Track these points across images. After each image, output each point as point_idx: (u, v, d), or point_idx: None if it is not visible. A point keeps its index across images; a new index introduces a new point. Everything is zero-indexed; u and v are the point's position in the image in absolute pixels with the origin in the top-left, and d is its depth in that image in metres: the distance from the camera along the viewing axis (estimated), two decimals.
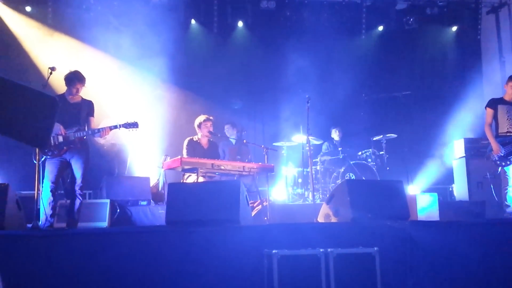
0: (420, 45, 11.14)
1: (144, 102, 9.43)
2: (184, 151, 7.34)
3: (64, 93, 6.18)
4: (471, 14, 11.34)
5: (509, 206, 6.63)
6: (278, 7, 10.58)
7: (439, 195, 7.45)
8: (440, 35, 11.33)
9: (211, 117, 7.54)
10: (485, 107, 7.03)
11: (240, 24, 10.77)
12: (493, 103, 6.95)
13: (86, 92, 6.37)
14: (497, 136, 6.79)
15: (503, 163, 6.65)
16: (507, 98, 6.95)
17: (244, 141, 8.03)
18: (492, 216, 7.44)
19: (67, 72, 6.15)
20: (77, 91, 6.13)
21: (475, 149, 8.73)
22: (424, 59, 11.07)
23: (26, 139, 2.73)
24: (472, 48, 11.48)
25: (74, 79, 6.09)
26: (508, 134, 6.74)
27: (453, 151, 9.38)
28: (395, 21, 11.08)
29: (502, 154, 6.62)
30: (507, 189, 6.67)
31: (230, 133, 9.20)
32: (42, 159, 5.74)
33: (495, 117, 6.88)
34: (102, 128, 6.08)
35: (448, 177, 9.67)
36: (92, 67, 8.74)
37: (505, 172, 6.68)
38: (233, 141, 9.09)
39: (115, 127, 6.15)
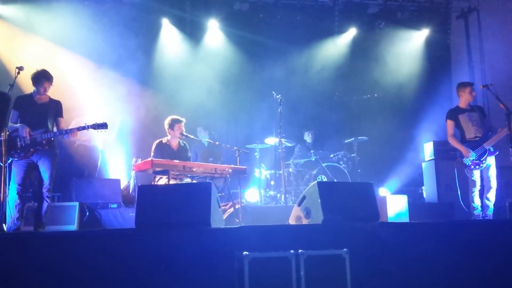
0: (391, 49, 11.26)
1: (116, 104, 9.31)
2: (152, 155, 7.23)
3: (31, 93, 6.06)
4: (441, 18, 11.57)
5: (476, 208, 6.77)
6: (251, 8, 10.60)
7: (409, 197, 7.55)
8: (410, 39, 11.49)
9: (183, 119, 7.44)
10: (446, 120, 7.14)
11: (213, 25, 10.73)
12: (452, 114, 7.07)
13: (56, 92, 6.25)
14: (465, 142, 6.90)
15: (477, 166, 6.75)
16: (462, 105, 7.10)
17: (217, 143, 7.97)
18: (460, 217, 7.58)
19: (34, 71, 6.02)
20: (45, 90, 6.02)
21: (444, 151, 8.89)
22: (395, 62, 11.19)
23: None
24: (441, 52, 11.68)
25: (42, 77, 5.98)
26: (476, 138, 6.86)
27: (422, 153, 9.52)
28: (366, 24, 11.24)
29: (474, 158, 6.73)
30: (473, 191, 6.78)
31: (202, 135, 9.18)
32: (9, 161, 5.63)
33: (458, 126, 7.01)
34: (70, 129, 5.97)
35: (418, 179, 9.80)
36: (62, 67, 8.62)
37: (472, 175, 6.79)
38: (206, 143, 9.05)
39: (83, 128, 6.04)
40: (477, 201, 6.77)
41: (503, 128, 6.64)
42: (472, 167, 6.75)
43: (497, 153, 6.80)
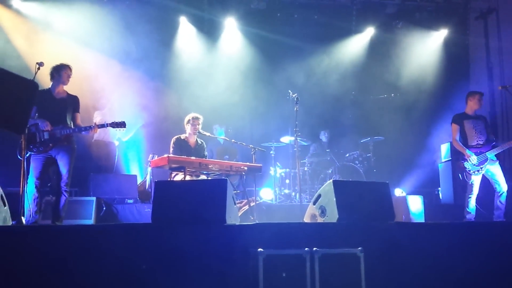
0: (409, 49, 11.18)
1: (133, 101, 9.38)
2: (171, 150, 7.28)
3: (49, 88, 6.12)
4: (460, 19, 11.45)
5: (469, 212, 6.90)
6: (268, 7, 10.60)
7: (425, 198, 7.52)
8: (428, 39, 11.39)
9: (199, 116, 7.47)
10: (451, 123, 7.30)
11: (230, 23, 10.74)
12: (458, 119, 7.22)
13: (74, 87, 6.33)
14: (467, 148, 7.04)
15: (476, 172, 6.89)
16: (469, 112, 7.25)
17: (233, 140, 7.99)
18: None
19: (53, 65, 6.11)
20: (69, 76, 6.12)
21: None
22: (413, 62, 11.11)
23: (2, 123, 2.61)
24: (460, 53, 11.56)
25: (63, 66, 6.10)
26: (477, 145, 7.02)
27: (439, 154, 9.44)
28: (384, 24, 11.16)
29: (476, 163, 6.87)
30: (470, 196, 6.91)
31: (218, 132, 9.21)
32: (27, 155, 5.70)
33: (462, 131, 7.16)
34: (89, 126, 6.03)
35: (434, 180, 9.74)
36: (81, 65, 8.68)
37: (471, 180, 6.92)
38: (221, 141, 9.09)
39: (103, 125, 6.12)
40: (471, 205, 6.91)
41: (510, 141, 6.95)
42: (472, 172, 6.89)
43: (498, 161, 6.96)
